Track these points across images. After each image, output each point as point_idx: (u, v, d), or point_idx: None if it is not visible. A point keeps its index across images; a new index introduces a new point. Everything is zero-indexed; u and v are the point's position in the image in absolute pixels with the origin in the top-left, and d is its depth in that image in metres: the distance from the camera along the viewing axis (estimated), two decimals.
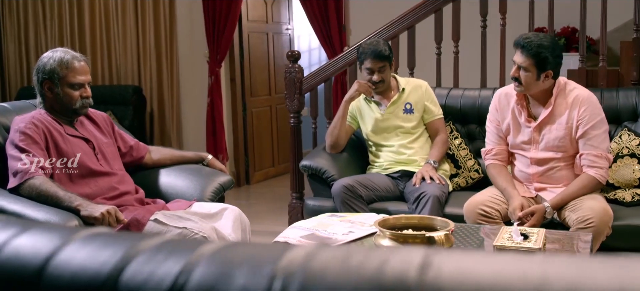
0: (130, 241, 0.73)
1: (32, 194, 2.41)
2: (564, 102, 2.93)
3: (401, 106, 3.51)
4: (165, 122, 6.03)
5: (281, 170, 6.53)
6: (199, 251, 0.69)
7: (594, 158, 2.88)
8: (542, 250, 2.05)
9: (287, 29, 6.62)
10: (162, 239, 0.76)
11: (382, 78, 3.46)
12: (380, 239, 2.30)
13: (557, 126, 2.94)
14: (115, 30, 6.03)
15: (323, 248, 0.67)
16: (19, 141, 2.50)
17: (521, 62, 2.86)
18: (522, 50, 2.85)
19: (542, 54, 2.82)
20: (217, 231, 2.54)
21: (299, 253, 0.66)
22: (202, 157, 3.14)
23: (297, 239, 2.52)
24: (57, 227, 0.83)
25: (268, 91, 6.37)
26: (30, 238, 0.76)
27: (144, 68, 6.01)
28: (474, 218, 2.93)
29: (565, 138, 2.93)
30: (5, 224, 0.82)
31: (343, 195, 3.22)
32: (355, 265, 0.62)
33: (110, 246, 0.73)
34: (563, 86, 2.96)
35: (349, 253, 0.65)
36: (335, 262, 0.64)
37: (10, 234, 0.78)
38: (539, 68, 2.84)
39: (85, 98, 2.68)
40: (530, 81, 2.87)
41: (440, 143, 3.50)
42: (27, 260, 0.75)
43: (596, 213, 2.71)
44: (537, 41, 2.83)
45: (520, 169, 3.08)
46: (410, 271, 0.60)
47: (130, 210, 2.56)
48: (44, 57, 2.68)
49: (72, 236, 0.76)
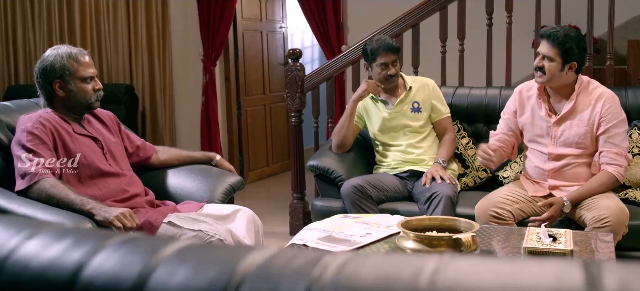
0: (160, 246, 0.68)
1: (42, 196, 2.31)
2: (586, 99, 2.93)
3: (409, 105, 3.47)
4: (158, 121, 5.92)
5: (276, 170, 6.46)
6: (245, 263, 0.63)
7: (614, 156, 2.88)
8: (572, 251, 2.01)
9: (281, 27, 6.55)
10: (206, 248, 0.70)
11: (396, 71, 3.44)
12: (404, 241, 2.25)
13: (578, 122, 2.93)
14: (106, 29, 5.91)
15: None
16: (26, 141, 2.40)
17: (546, 51, 2.87)
18: (548, 39, 2.87)
19: (568, 44, 2.84)
20: (232, 234, 2.47)
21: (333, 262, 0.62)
22: (210, 157, 3.06)
23: (315, 242, 2.46)
24: (91, 232, 0.77)
25: (262, 89, 6.29)
26: (61, 246, 0.70)
27: (135, 67, 5.90)
28: (486, 220, 2.90)
29: (586, 135, 2.92)
30: (37, 229, 0.75)
31: (353, 195, 3.16)
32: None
33: (137, 252, 0.68)
34: (586, 83, 2.96)
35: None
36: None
37: (44, 242, 0.72)
38: (564, 58, 2.86)
39: (98, 91, 2.60)
40: (554, 71, 2.88)
41: (449, 142, 3.46)
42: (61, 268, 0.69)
43: (613, 212, 2.69)
44: (563, 32, 2.88)
45: (535, 165, 3.05)
46: None
47: (141, 213, 2.48)
48: (48, 56, 2.57)
49: (105, 242, 0.70)
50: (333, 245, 2.42)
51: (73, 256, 0.69)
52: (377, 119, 3.50)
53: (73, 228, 0.78)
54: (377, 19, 4.80)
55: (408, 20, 3.99)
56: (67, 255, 0.70)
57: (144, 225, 2.39)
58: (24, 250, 0.72)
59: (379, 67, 3.42)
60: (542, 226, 2.18)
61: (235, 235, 2.49)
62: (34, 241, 0.74)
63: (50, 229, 0.76)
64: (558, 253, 2.00)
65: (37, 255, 0.71)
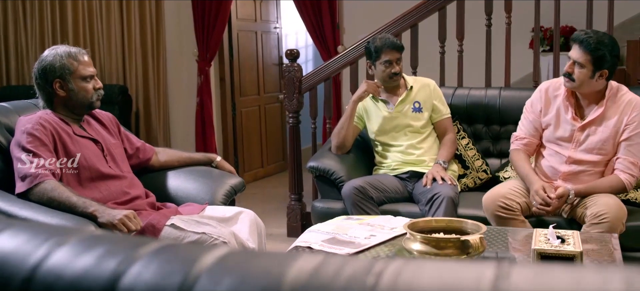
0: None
1: (43, 199, 2.27)
2: (614, 106, 2.88)
3: (410, 104, 3.45)
4: (152, 123, 5.88)
5: (270, 171, 6.43)
6: (293, 272, 0.61)
7: (629, 165, 2.86)
8: (582, 253, 2.00)
9: (276, 28, 6.52)
10: (249, 256, 0.68)
11: (400, 69, 3.43)
12: (411, 243, 2.22)
13: (604, 129, 2.88)
14: (99, 29, 5.85)
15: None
16: (26, 143, 2.36)
17: (577, 57, 2.79)
18: (580, 45, 2.79)
19: (601, 51, 2.76)
20: (235, 236, 2.44)
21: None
22: (211, 158, 3.02)
23: (319, 244, 2.43)
24: (122, 239, 0.74)
25: (257, 90, 6.26)
26: (94, 254, 0.68)
27: (129, 67, 5.85)
28: (494, 210, 2.87)
29: (609, 141, 2.88)
30: (65, 237, 0.72)
31: (354, 197, 3.14)
32: None
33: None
34: (616, 89, 2.90)
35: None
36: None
37: (76, 250, 0.69)
38: (596, 66, 2.78)
39: (98, 90, 2.56)
40: (584, 78, 2.80)
41: (449, 143, 3.45)
42: (96, 277, 0.66)
43: (610, 209, 2.69)
44: (596, 38, 2.78)
45: (551, 164, 3.01)
46: None
47: (143, 215, 2.44)
48: (47, 56, 2.53)
49: (139, 251, 0.67)
50: (338, 247, 2.39)
51: (108, 265, 0.66)
52: (378, 119, 3.48)
53: (103, 235, 0.75)
54: (373, 19, 4.78)
55: (407, 20, 3.97)
56: (102, 264, 0.67)
57: (146, 228, 2.35)
58: (55, 259, 0.69)
59: (382, 65, 3.40)
60: (550, 228, 2.17)
61: (238, 238, 2.46)
62: (64, 249, 0.71)
63: (80, 236, 0.73)
64: (568, 255, 1.99)
65: (69, 264, 0.68)
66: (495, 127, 3.69)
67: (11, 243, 0.73)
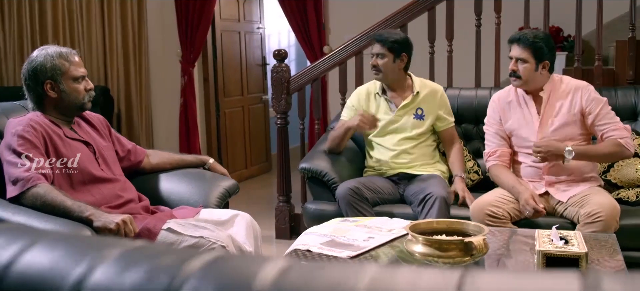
0: None
1: (36, 203, 2.20)
2: (562, 92, 3.00)
3: (412, 111, 3.39)
4: (134, 124, 5.78)
5: (254, 172, 6.37)
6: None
7: (613, 131, 2.92)
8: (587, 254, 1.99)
9: (259, 28, 6.46)
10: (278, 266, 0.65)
11: (378, 66, 3.34)
12: (413, 246, 2.20)
13: (560, 117, 2.98)
14: (80, 29, 5.73)
15: None
16: (17, 146, 2.29)
17: (518, 54, 2.97)
18: (518, 42, 2.97)
19: (538, 43, 2.94)
20: (233, 240, 2.39)
21: None
22: (203, 160, 2.97)
23: (318, 247, 2.40)
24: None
25: (240, 91, 6.20)
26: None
27: (110, 68, 5.75)
28: (481, 219, 2.88)
29: (571, 125, 2.97)
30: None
31: (349, 198, 3.11)
32: None
33: None
34: (558, 79, 3.05)
35: None
36: None
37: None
38: (537, 58, 2.95)
39: (89, 91, 2.50)
40: (528, 72, 2.96)
41: (458, 153, 3.43)
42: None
43: (604, 208, 2.72)
44: (531, 33, 3.00)
45: (528, 165, 3.06)
46: None
47: (138, 219, 2.38)
48: (37, 57, 2.46)
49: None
50: (338, 249, 2.36)
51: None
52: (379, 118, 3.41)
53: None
54: (359, 19, 4.77)
55: (396, 20, 3.95)
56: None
57: (142, 232, 2.30)
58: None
59: (370, 55, 3.39)
60: (554, 229, 2.17)
61: (235, 241, 2.41)
62: (106, 264, 0.66)
63: (120, 249, 0.69)
64: (573, 256, 1.98)
65: (116, 279, 0.64)
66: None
67: (45, 259, 0.69)
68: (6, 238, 0.71)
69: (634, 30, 3.66)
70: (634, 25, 3.66)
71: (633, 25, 3.66)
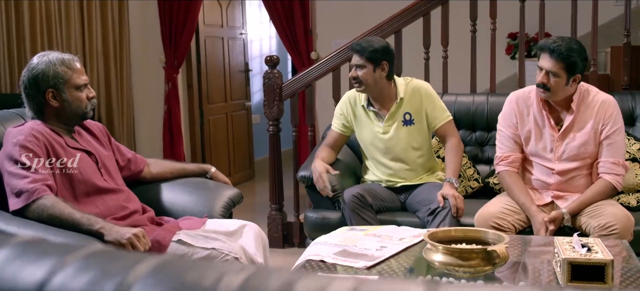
0: None
1: (43, 216, 2.09)
2: (588, 108, 2.87)
3: (400, 119, 3.21)
4: (114, 130, 5.63)
5: (237, 179, 6.27)
6: None
7: (611, 165, 2.85)
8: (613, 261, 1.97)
9: (242, 34, 6.38)
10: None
11: (358, 77, 3.12)
12: (432, 254, 2.15)
13: (582, 134, 2.86)
14: (58, 32, 5.56)
15: None
16: (19, 156, 2.18)
17: (550, 67, 2.75)
18: (551, 54, 2.74)
19: (572, 58, 2.73)
20: (245, 251, 2.32)
21: None
22: (205, 169, 2.88)
23: (332, 257, 2.34)
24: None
25: (224, 97, 6.11)
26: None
27: (90, 72, 5.58)
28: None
29: (589, 144, 2.86)
30: None
31: (353, 204, 3.05)
32: None
33: None
34: (585, 91, 2.89)
35: None
36: None
37: None
38: (569, 72, 2.76)
39: (92, 99, 2.40)
40: (559, 86, 2.78)
41: (453, 152, 3.20)
42: None
43: (619, 219, 2.68)
44: (565, 45, 2.74)
45: (538, 177, 2.98)
46: None
47: (146, 231, 2.29)
48: (39, 64, 2.34)
49: None
50: (352, 260, 2.31)
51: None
52: (369, 132, 3.28)
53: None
54: (347, 25, 4.74)
55: (391, 26, 3.92)
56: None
57: (152, 245, 2.21)
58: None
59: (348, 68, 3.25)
60: (575, 236, 2.14)
61: (247, 252, 2.34)
62: None
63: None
64: (599, 264, 1.96)
65: None
66: (482, 133, 3.67)
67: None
68: (35, 255, 0.64)
69: (628, 36, 3.69)
70: (628, 31, 3.68)
71: (627, 31, 3.68)
